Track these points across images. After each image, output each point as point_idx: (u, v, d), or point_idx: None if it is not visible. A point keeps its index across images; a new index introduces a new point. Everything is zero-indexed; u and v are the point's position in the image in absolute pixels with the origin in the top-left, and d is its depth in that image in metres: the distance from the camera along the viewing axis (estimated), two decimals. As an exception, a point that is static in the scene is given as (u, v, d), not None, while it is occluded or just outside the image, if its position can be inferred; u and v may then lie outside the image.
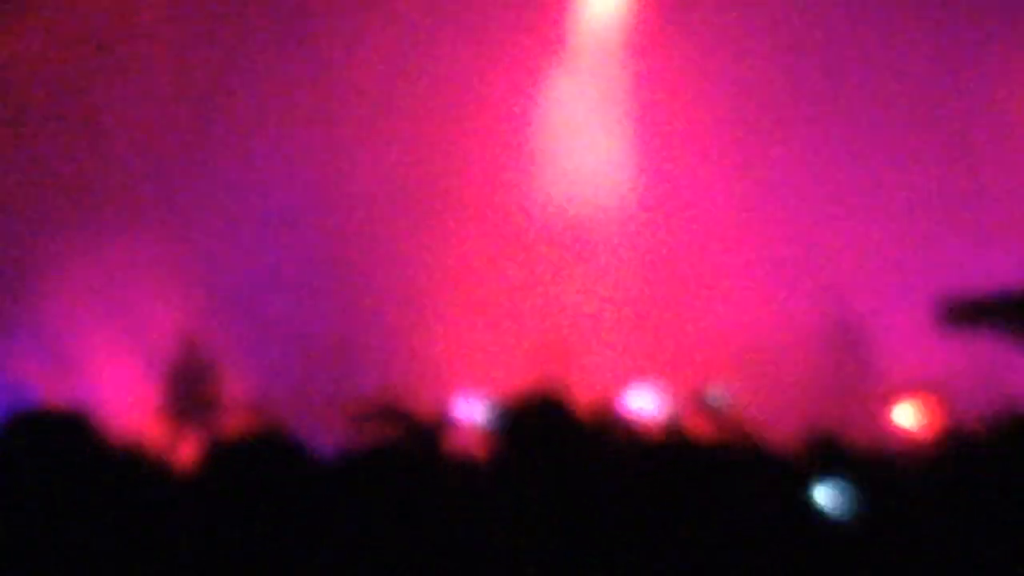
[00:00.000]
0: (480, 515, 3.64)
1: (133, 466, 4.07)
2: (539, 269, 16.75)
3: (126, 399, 14.53)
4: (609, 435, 4.80)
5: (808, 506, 4.11)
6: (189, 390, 14.46)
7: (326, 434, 15.28)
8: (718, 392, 5.31)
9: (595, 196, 16.94)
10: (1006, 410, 3.71)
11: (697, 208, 16.39)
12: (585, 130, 17.02)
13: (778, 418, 9.98)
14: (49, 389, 14.75)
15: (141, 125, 16.40)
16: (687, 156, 16.42)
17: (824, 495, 4.35)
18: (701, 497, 3.41)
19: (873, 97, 16.28)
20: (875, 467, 4.04)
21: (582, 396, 4.35)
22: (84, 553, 3.06)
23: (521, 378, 12.07)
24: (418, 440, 4.86)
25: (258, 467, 3.23)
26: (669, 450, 3.74)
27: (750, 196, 16.26)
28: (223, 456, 3.33)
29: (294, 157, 16.66)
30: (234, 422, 13.86)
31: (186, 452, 12.75)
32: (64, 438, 3.27)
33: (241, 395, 14.64)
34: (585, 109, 17.05)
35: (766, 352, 15.73)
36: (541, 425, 3.92)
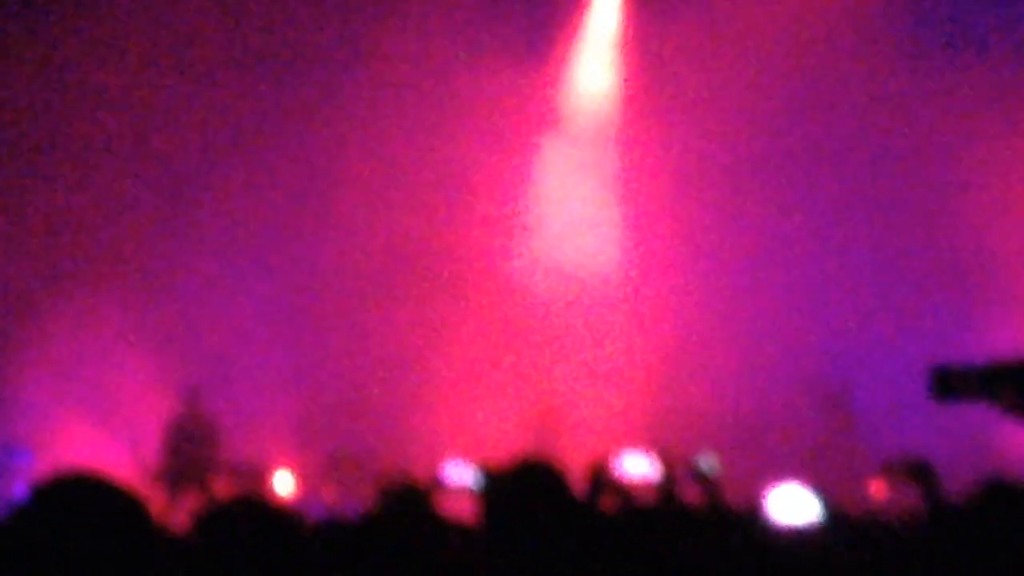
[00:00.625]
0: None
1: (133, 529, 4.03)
2: (532, 337, 16.83)
3: (109, 468, 14.38)
4: (603, 499, 4.80)
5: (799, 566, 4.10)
6: (186, 453, 14.36)
7: (323, 496, 15.18)
8: (709, 459, 5.31)
9: (586, 267, 17.05)
10: (993, 480, 3.69)
11: (686, 278, 16.48)
12: (577, 203, 17.19)
13: (766, 484, 10.00)
14: (35, 460, 14.70)
15: (128, 194, 16.43)
16: (676, 228, 16.55)
17: (781, 503, 4.33)
18: (694, 561, 3.40)
19: (859, 172, 16.39)
20: (864, 533, 4.03)
21: (574, 462, 4.36)
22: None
23: (515, 443, 12.09)
24: (410, 505, 4.84)
25: (246, 533, 3.19)
26: (663, 515, 3.74)
27: (737, 266, 16.35)
28: (212, 521, 3.30)
29: (292, 229, 16.74)
30: (229, 486, 13.75)
31: (183, 515, 12.65)
32: (110, 509, 3.14)
33: (237, 459, 14.57)
34: (577, 182, 17.22)
35: (754, 419, 15.76)
36: (532, 490, 3.89)
